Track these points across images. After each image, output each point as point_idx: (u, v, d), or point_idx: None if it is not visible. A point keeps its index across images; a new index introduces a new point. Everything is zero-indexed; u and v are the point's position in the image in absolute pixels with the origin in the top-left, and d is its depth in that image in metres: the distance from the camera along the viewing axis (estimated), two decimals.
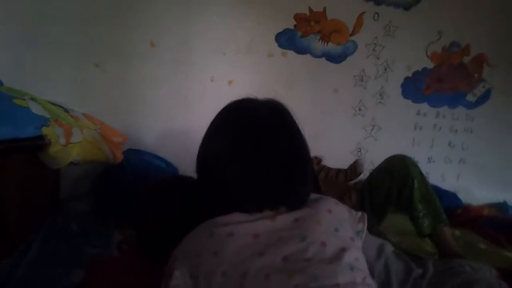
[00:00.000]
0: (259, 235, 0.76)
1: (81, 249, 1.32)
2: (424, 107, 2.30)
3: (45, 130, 1.22)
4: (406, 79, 2.26)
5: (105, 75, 1.91)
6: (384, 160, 1.52)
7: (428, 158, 2.32)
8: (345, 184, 1.62)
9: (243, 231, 0.76)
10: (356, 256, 0.78)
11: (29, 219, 1.37)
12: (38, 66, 1.80)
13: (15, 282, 1.03)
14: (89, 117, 1.64)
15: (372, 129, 2.24)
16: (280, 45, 2.09)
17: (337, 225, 0.82)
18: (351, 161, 2.20)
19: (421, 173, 1.41)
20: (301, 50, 2.12)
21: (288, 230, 0.77)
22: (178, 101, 2.02)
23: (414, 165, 1.42)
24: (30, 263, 1.16)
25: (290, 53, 2.11)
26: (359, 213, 0.91)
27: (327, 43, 2.13)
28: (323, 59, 2.14)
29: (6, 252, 1.17)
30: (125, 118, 1.95)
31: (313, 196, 0.89)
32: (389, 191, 1.42)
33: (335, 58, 2.16)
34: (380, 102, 2.22)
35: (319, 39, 2.12)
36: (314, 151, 2.03)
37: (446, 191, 2.16)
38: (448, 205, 2.02)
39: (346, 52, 2.16)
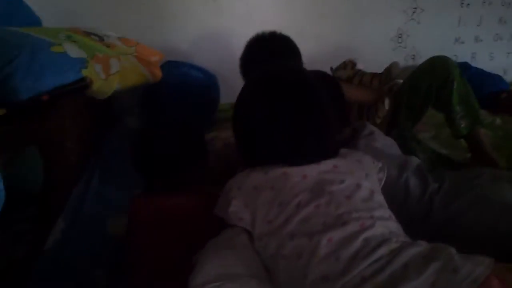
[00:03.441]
0: (307, 176, 0.90)
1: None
2: None
3: (84, 72, 1.32)
4: None
5: None
6: (425, 60, 1.51)
7: (475, 37, 2.18)
8: (379, 89, 1.62)
9: (295, 172, 0.91)
10: (381, 197, 0.93)
11: (87, 144, 1.53)
12: None
13: (85, 212, 1.23)
14: (124, 40, 1.68)
15: (414, 12, 2.10)
16: None
17: (367, 172, 0.95)
18: (391, 50, 2.15)
19: (461, 74, 1.40)
20: None
21: (330, 173, 0.91)
22: (207, 4, 1.99)
23: (455, 66, 1.40)
24: (96, 192, 1.34)
25: None
26: (380, 164, 1.02)
27: None
28: None
29: (71, 182, 1.35)
30: (158, 28, 1.98)
31: (343, 150, 1.01)
32: (428, 91, 1.43)
33: None
34: None
35: None
36: (349, 41, 2.04)
37: (490, 74, 2.08)
38: (492, 90, 1.98)
39: None
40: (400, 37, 2.14)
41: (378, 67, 2.18)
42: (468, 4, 2.12)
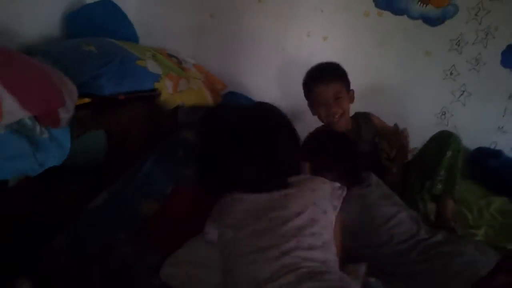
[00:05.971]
0: (259, 202, 1.12)
1: (180, 170, 1.80)
2: None
3: (156, 85, 1.67)
4: (510, 47, 2.16)
5: (218, 25, 2.29)
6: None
7: None
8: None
9: (248, 199, 1.14)
10: (323, 225, 1.07)
11: (148, 138, 1.86)
12: (162, 17, 2.28)
13: (128, 189, 1.54)
14: (197, 67, 2.05)
15: (462, 95, 2.25)
16: (377, 5, 2.20)
17: (316, 200, 1.11)
18: (433, 124, 2.31)
19: (459, 151, 1.58)
20: (398, 11, 2.19)
21: (278, 201, 1.11)
22: (276, 52, 2.31)
23: (456, 142, 1.59)
24: (144, 174, 1.65)
25: (386, 14, 2.20)
26: (340, 191, 1.17)
27: (426, 5, 2.15)
28: (419, 21, 2.18)
29: (128, 162, 1.67)
30: (231, 62, 2.34)
31: (303, 177, 1.21)
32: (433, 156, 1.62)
33: (433, 21, 2.17)
34: (474, 68, 2.20)
35: (418, 1, 2.15)
36: (395, 107, 2.22)
37: None
38: None
39: (445, 15, 2.15)
40: (443, 114, 2.28)
41: (418, 136, 2.34)
42: None
